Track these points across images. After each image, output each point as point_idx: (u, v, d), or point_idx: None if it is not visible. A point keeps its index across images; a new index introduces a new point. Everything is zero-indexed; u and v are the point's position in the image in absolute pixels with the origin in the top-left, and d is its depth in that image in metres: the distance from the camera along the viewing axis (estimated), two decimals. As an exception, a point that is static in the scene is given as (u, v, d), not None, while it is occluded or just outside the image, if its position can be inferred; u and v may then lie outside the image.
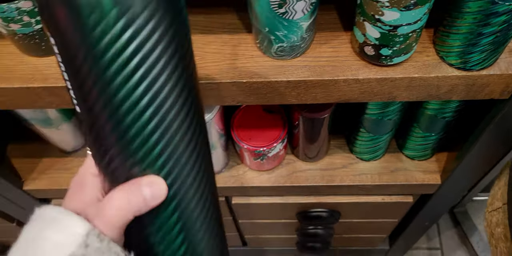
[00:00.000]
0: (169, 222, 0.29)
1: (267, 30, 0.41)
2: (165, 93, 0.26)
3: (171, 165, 0.28)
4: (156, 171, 0.28)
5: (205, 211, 0.31)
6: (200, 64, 0.46)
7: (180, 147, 0.28)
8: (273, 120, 0.67)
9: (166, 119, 0.27)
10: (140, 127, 0.27)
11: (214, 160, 0.68)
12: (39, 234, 0.28)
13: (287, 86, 0.45)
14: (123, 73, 0.25)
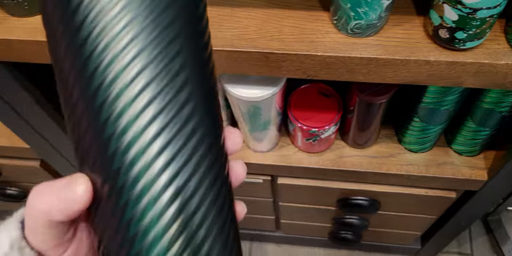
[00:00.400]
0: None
1: (349, 6, 0.44)
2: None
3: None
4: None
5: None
6: (277, 36, 0.48)
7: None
8: (328, 103, 0.68)
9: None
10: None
11: (267, 138, 0.71)
12: None
13: (359, 63, 0.47)
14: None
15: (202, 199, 0.23)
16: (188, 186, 0.23)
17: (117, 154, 0.22)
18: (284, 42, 0.48)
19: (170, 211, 0.22)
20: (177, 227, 0.22)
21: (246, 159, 0.75)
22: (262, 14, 0.50)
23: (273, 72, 0.50)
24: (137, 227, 0.22)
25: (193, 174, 0.23)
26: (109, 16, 0.22)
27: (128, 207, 0.22)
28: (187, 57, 0.23)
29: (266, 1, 0.50)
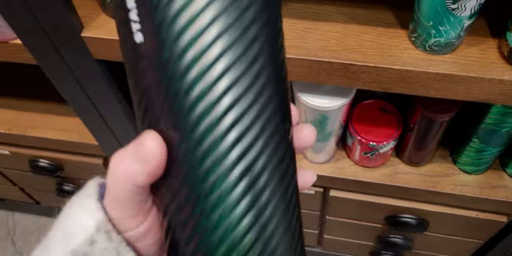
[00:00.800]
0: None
1: (431, 24, 0.47)
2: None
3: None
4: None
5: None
6: (357, 49, 0.51)
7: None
8: (388, 120, 0.71)
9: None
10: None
11: (326, 149, 0.73)
12: (60, 217, 0.26)
13: (434, 78, 0.50)
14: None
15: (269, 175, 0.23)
16: (256, 160, 0.23)
17: (184, 111, 0.22)
18: (364, 55, 0.51)
19: (236, 173, 0.22)
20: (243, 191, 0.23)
21: (303, 168, 0.77)
22: (342, 28, 0.53)
23: (349, 83, 0.53)
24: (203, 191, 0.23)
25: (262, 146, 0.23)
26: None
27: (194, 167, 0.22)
28: (266, 59, 0.23)
29: (346, 17, 0.54)
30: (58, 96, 0.68)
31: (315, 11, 0.55)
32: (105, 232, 0.25)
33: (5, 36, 0.58)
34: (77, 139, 0.85)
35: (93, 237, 0.24)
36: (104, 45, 0.56)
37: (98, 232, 0.24)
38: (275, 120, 0.23)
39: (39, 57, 0.60)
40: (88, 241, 0.24)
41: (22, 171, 1.04)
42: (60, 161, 0.95)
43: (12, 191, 1.20)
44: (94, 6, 0.57)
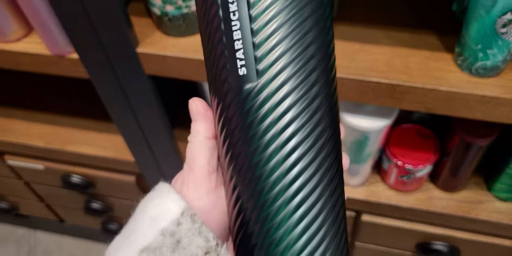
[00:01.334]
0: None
1: (479, 47, 0.48)
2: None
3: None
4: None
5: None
6: (404, 70, 0.53)
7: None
8: (425, 144, 0.72)
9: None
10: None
11: (362, 172, 0.74)
12: (144, 206, 0.31)
13: (479, 100, 0.51)
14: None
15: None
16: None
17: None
18: (410, 76, 0.52)
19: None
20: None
21: (336, 191, 0.78)
22: (389, 51, 0.55)
23: (395, 104, 0.55)
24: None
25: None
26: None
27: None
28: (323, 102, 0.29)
29: (393, 40, 0.56)
30: (97, 113, 0.70)
31: (362, 34, 0.57)
32: (189, 216, 0.29)
33: (62, 51, 0.61)
34: (112, 155, 0.87)
35: (179, 220, 0.29)
36: (157, 61, 0.58)
37: (182, 215, 0.29)
38: (334, 182, 0.29)
39: (92, 71, 0.62)
40: (175, 223, 0.29)
41: (52, 186, 1.05)
42: (93, 177, 0.96)
43: (38, 208, 1.22)
44: (150, 24, 0.60)
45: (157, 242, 0.29)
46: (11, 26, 0.61)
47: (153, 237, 0.29)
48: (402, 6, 0.60)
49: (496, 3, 0.44)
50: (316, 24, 0.27)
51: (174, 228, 0.29)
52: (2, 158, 0.98)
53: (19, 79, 1.01)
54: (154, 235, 0.29)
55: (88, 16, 0.54)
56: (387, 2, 0.60)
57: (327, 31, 0.28)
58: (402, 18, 0.58)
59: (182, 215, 0.29)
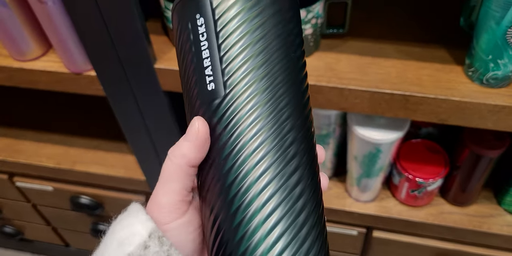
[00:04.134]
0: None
1: (490, 58, 0.50)
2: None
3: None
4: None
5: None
6: (416, 82, 0.55)
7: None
8: (435, 159, 0.73)
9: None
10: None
11: (373, 186, 0.75)
12: (113, 229, 0.30)
13: (491, 110, 0.53)
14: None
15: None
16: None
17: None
18: (423, 87, 0.54)
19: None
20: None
21: (348, 207, 0.78)
22: (401, 64, 0.57)
23: (408, 115, 0.56)
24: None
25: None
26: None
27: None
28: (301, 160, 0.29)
29: (404, 54, 0.58)
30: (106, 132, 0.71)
31: (374, 48, 0.58)
32: (156, 238, 0.29)
33: (80, 69, 0.62)
34: (122, 174, 0.87)
35: (146, 243, 0.28)
36: (174, 76, 0.59)
37: (150, 238, 0.28)
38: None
39: (108, 88, 0.64)
40: (142, 246, 0.28)
41: (60, 209, 1.05)
42: (102, 198, 0.96)
43: (44, 232, 1.21)
44: (166, 41, 0.62)
45: None
46: (30, 45, 0.63)
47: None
48: (410, 21, 0.62)
49: (506, 14, 0.46)
50: (283, 41, 0.29)
51: (141, 252, 0.28)
52: (11, 180, 0.98)
53: (28, 100, 1.03)
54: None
55: (109, 34, 0.55)
56: (396, 17, 0.63)
57: (296, 46, 0.30)
58: (412, 33, 0.60)
59: (150, 238, 0.28)
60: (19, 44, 0.62)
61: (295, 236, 0.27)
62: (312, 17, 0.53)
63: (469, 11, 0.58)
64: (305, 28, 0.54)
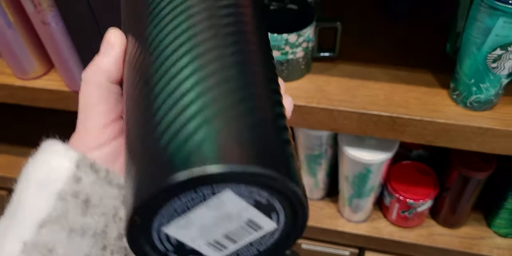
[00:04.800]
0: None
1: (472, 82, 0.52)
2: None
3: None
4: None
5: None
6: (403, 104, 0.57)
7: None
8: (425, 180, 0.74)
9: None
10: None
11: (365, 207, 0.76)
12: (25, 174, 0.24)
13: (475, 132, 0.55)
14: None
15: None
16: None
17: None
18: (409, 110, 0.56)
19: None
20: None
21: (340, 227, 0.79)
22: (388, 87, 0.59)
23: (396, 136, 0.58)
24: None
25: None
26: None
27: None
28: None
29: (391, 77, 0.60)
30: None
31: (362, 72, 0.61)
32: (88, 166, 0.23)
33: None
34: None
35: (77, 174, 0.23)
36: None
37: (79, 168, 0.23)
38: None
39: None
40: (73, 180, 0.23)
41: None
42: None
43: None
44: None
45: (58, 210, 0.22)
46: (33, 64, 0.65)
47: (50, 205, 0.22)
48: (398, 46, 0.65)
49: (486, 40, 0.48)
50: None
51: (75, 187, 0.23)
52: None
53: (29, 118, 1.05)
54: (51, 202, 0.22)
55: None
56: (385, 42, 0.65)
57: None
58: (400, 57, 0.63)
59: (79, 168, 0.23)
60: (23, 63, 0.65)
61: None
62: (303, 40, 0.55)
63: (455, 37, 0.60)
64: (296, 51, 0.56)
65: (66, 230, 0.23)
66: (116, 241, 0.24)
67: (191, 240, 0.22)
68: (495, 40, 0.48)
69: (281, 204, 0.21)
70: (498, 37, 0.47)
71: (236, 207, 0.21)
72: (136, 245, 0.21)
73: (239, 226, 0.22)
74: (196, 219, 0.21)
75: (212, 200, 0.20)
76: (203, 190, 0.19)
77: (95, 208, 0.23)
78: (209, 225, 0.21)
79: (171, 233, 0.21)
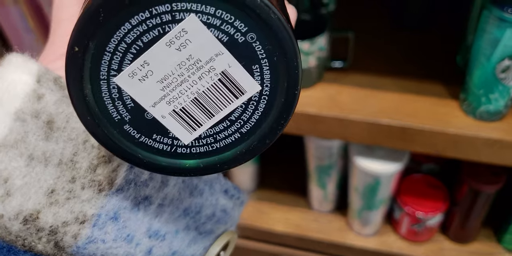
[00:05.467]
0: None
1: (482, 92, 0.53)
2: None
3: None
4: None
5: None
6: (413, 114, 0.57)
7: None
8: (435, 194, 0.74)
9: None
10: None
11: (374, 220, 0.76)
12: None
13: (485, 143, 0.55)
14: None
15: None
16: None
17: None
18: (420, 120, 0.57)
19: None
20: None
21: (349, 240, 0.79)
22: (399, 97, 0.60)
23: (406, 146, 0.59)
24: None
25: None
26: None
27: None
28: None
29: (401, 88, 0.61)
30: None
31: (373, 82, 0.62)
32: (51, 81, 0.19)
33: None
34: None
35: (38, 91, 0.19)
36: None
37: (40, 83, 0.19)
38: None
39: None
40: (34, 97, 0.19)
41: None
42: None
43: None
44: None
45: (15, 133, 0.19)
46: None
47: (6, 126, 0.19)
48: (410, 57, 0.66)
49: (495, 51, 0.49)
50: None
51: (36, 106, 0.19)
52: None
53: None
54: (6, 124, 0.19)
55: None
56: (396, 53, 0.66)
57: None
58: (411, 68, 0.64)
59: (40, 83, 0.19)
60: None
61: None
62: (315, 49, 0.57)
63: (465, 49, 0.61)
64: (309, 60, 0.57)
65: (25, 156, 0.19)
66: (88, 173, 0.20)
67: (150, 102, 0.17)
68: (503, 51, 0.49)
69: (262, 45, 0.16)
70: (507, 48, 0.48)
71: (205, 46, 0.16)
72: (81, 102, 0.17)
73: (211, 83, 0.17)
74: (154, 62, 0.16)
75: (172, 32, 0.16)
76: (160, 13, 0.15)
77: (61, 131, 0.19)
78: (172, 77, 0.17)
79: (123, 87, 0.17)
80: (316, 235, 0.81)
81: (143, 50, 0.16)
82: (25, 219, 0.19)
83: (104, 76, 0.16)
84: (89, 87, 0.16)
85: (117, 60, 0.16)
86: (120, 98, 0.17)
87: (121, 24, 0.15)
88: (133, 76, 0.16)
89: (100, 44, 0.16)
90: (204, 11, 0.15)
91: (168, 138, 0.18)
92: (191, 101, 0.17)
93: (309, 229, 0.82)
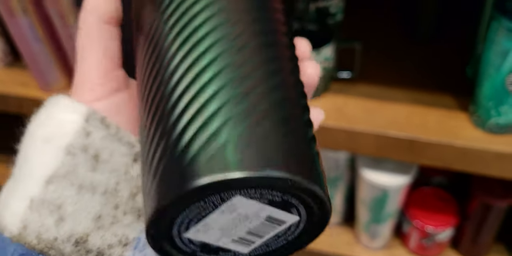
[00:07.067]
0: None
1: (491, 104, 0.52)
2: None
3: None
4: None
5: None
6: (421, 127, 0.56)
7: None
8: (445, 208, 0.73)
9: None
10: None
11: (383, 233, 0.74)
12: (30, 133, 0.22)
13: (494, 157, 0.54)
14: None
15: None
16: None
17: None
18: (428, 132, 0.56)
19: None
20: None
21: (356, 253, 0.78)
22: (407, 109, 0.59)
23: (414, 159, 0.57)
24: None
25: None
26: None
27: None
28: None
29: (411, 100, 0.60)
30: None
31: (382, 93, 0.61)
32: (98, 120, 0.22)
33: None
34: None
35: (86, 129, 0.22)
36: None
37: (88, 122, 0.22)
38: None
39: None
40: (83, 134, 0.22)
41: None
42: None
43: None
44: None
45: (67, 165, 0.21)
46: (56, 77, 0.68)
47: (58, 160, 0.21)
48: (419, 68, 0.65)
49: (504, 62, 0.48)
50: None
51: (84, 141, 0.21)
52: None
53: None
54: (58, 157, 0.21)
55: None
56: (405, 64, 0.65)
57: None
58: (420, 79, 0.63)
59: (88, 122, 0.22)
60: (47, 76, 0.67)
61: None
62: (321, 59, 0.56)
63: (476, 61, 0.60)
64: (315, 71, 0.57)
65: (75, 186, 0.21)
66: (129, 201, 0.23)
67: (215, 240, 0.21)
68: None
69: (299, 201, 0.20)
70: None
71: (250, 208, 0.20)
72: (162, 251, 0.21)
73: (260, 223, 0.21)
74: (213, 223, 0.20)
75: (223, 206, 0.19)
76: (211, 199, 0.19)
77: (105, 163, 0.22)
78: (228, 226, 0.21)
79: (192, 238, 0.21)
80: (324, 248, 0.80)
81: (203, 218, 0.20)
82: (76, 241, 0.21)
83: (176, 234, 0.20)
84: (166, 244, 0.21)
85: (184, 227, 0.20)
86: (191, 242, 0.21)
87: (187, 210, 0.19)
88: (198, 231, 0.20)
89: (172, 222, 0.20)
90: (249, 192, 0.19)
91: (231, 252, 0.22)
92: (245, 232, 0.21)
93: (317, 242, 0.81)
